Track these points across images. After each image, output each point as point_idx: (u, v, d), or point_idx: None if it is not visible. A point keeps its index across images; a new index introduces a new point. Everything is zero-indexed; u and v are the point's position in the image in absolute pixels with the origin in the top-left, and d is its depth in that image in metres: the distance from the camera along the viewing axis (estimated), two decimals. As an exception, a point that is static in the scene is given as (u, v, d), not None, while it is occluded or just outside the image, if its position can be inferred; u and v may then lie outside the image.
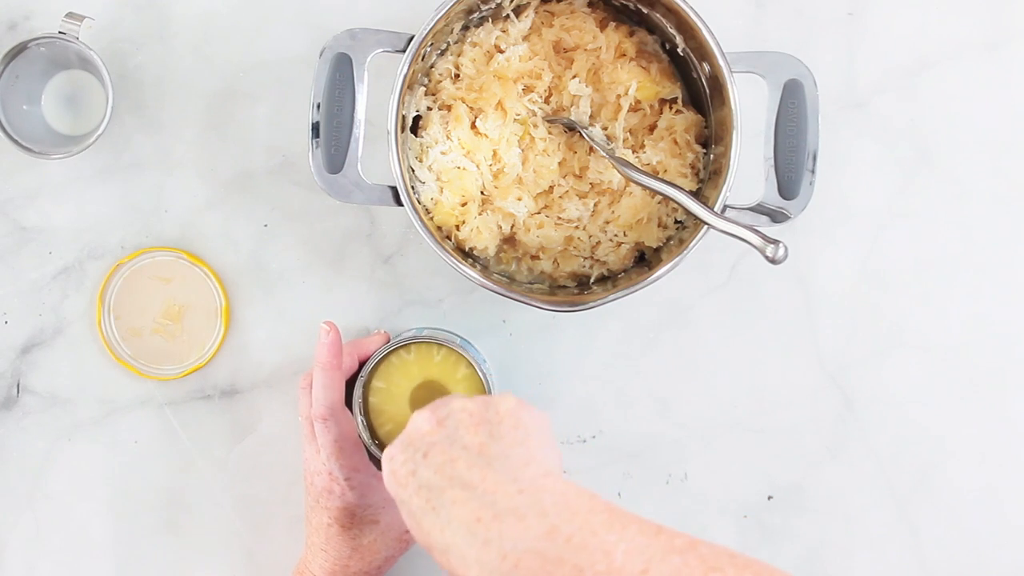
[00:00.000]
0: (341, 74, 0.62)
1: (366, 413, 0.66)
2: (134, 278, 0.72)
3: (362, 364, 0.67)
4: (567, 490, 0.45)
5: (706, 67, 0.63)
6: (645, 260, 0.68)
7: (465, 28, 0.67)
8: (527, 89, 0.67)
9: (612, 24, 0.68)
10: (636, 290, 0.62)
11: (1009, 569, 0.73)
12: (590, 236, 0.68)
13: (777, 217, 0.63)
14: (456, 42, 0.68)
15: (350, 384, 0.66)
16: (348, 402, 0.66)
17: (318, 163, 0.62)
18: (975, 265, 0.73)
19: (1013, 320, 0.73)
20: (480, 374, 0.65)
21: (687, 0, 0.61)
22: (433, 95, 0.68)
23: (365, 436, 0.65)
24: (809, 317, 0.73)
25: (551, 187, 0.68)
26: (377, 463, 0.64)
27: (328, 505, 0.62)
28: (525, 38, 0.67)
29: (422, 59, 0.64)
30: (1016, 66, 0.74)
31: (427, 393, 0.66)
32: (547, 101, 0.68)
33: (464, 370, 0.66)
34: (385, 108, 0.61)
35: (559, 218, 0.68)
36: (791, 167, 0.63)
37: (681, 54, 0.66)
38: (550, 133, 0.67)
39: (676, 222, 0.67)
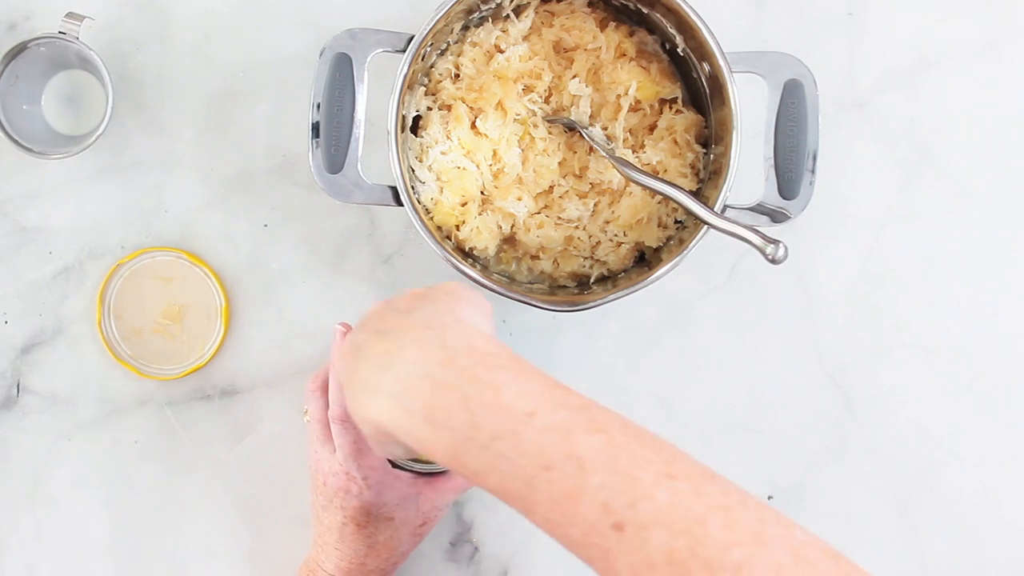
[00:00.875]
0: (341, 74, 0.62)
1: None
2: (134, 278, 0.72)
3: None
4: (473, 333, 0.45)
5: (706, 67, 0.63)
6: (645, 260, 0.68)
7: (465, 28, 0.67)
8: (527, 89, 0.67)
9: (612, 24, 0.68)
10: (636, 290, 0.62)
11: (1009, 569, 0.73)
12: (590, 236, 0.68)
13: (777, 217, 0.63)
14: (456, 42, 0.68)
15: None
16: None
17: (318, 163, 0.62)
18: (975, 265, 0.73)
19: (1013, 320, 0.73)
20: None
21: (687, 0, 0.61)
22: (433, 95, 0.68)
23: None
24: (809, 317, 0.73)
25: (551, 187, 0.68)
26: (392, 462, 0.65)
27: (344, 504, 0.62)
28: (525, 38, 0.67)
29: (422, 59, 0.64)
30: (1016, 66, 0.74)
31: None
32: (547, 101, 0.68)
33: None
34: (385, 108, 0.61)
35: (559, 218, 0.68)
36: (791, 167, 0.63)
37: (681, 54, 0.66)
38: (550, 133, 0.67)
39: (676, 222, 0.67)
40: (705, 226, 0.60)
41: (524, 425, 0.41)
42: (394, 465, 0.64)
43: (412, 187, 0.65)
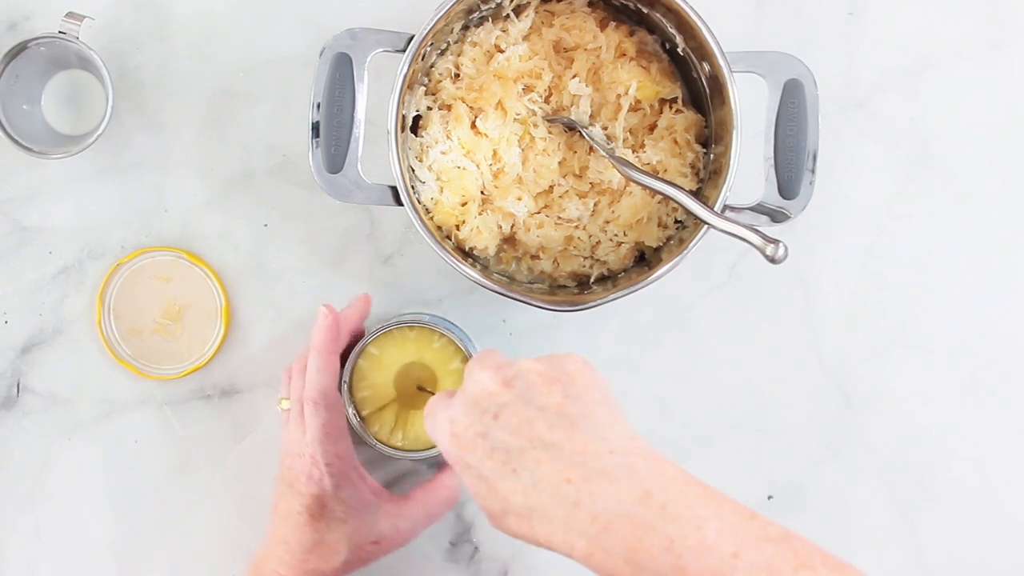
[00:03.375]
0: (341, 74, 0.62)
1: (351, 373, 0.66)
2: (134, 278, 0.72)
3: (355, 341, 0.67)
4: (659, 457, 0.43)
5: (706, 67, 0.63)
6: (645, 260, 0.68)
7: (465, 28, 0.67)
8: (527, 89, 0.67)
9: (612, 24, 0.68)
10: (636, 290, 0.62)
11: (1009, 569, 0.73)
12: (590, 236, 0.68)
13: (777, 217, 0.63)
14: (456, 42, 0.68)
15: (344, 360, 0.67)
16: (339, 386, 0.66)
17: (318, 163, 0.62)
18: (975, 265, 0.73)
19: (1013, 320, 0.73)
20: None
21: (687, 0, 0.61)
22: (433, 95, 0.68)
23: (346, 398, 0.66)
24: (809, 317, 0.73)
25: (551, 187, 0.68)
26: (362, 440, 0.65)
27: (303, 491, 0.62)
28: (525, 38, 0.67)
29: (422, 59, 0.64)
30: (1016, 66, 0.74)
31: (414, 373, 0.67)
32: (547, 101, 0.68)
33: (458, 364, 0.66)
34: (385, 108, 0.61)
35: (559, 218, 0.68)
36: (791, 167, 0.63)
37: (681, 54, 0.66)
38: (550, 133, 0.67)
39: (676, 222, 0.67)
40: (705, 226, 0.60)
41: (731, 568, 0.40)
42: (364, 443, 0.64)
43: (412, 187, 0.65)
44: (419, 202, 0.66)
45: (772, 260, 0.55)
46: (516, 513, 0.43)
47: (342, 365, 0.66)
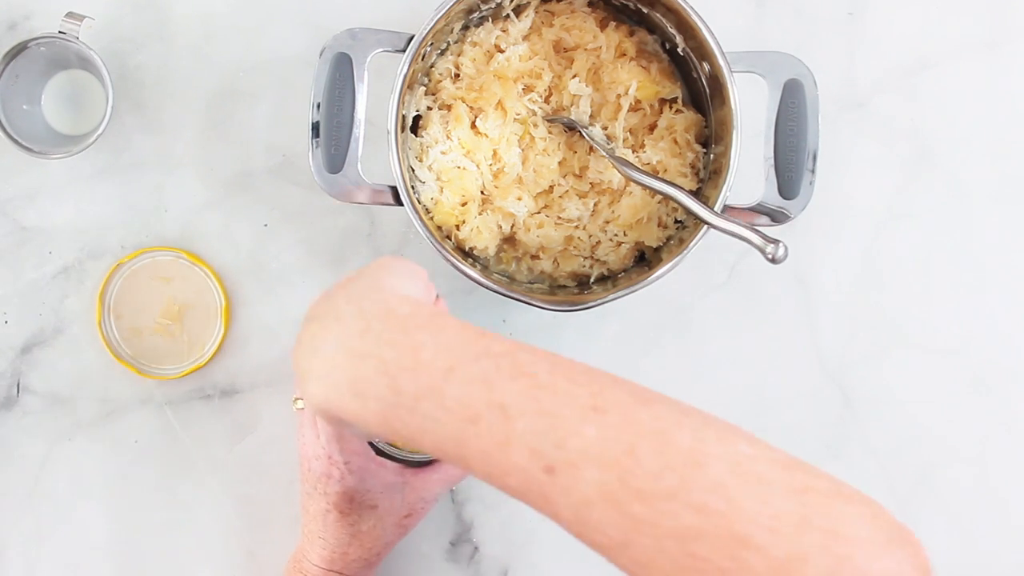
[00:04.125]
0: (341, 74, 0.62)
1: None
2: (134, 278, 0.72)
3: None
4: (391, 298, 0.45)
5: (706, 67, 0.64)
6: (645, 260, 0.68)
7: (465, 28, 0.67)
8: (527, 89, 0.67)
9: (612, 24, 0.68)
10: (636, 290, 0.63)
11: (1009, 569, 0.73)
12: (590, 236, 0.68)
13: (777, 217, 0.63)
14: (456, 42, 0.68)
15: None
16: None
17: (318, 163, 0.62)
18: (975, 265, 0.73)
19: (1013, 320, 0.73)
20: None
21: (687, 0, 0.61)
22: (433, 95, 0.68)
23: None
24: (809, 317, 0.73)
25: (551, 187, 0.68)
26: (376, 449, 0.64)
27: (327, 490, 0.62)
28: (525, 38, 0.67)
29: (422, 59, 0.64)
30: (1016, 66, 0.74)
31: None
32: (547, 101, 0.68)
33: None
34: (385, 108, 0.61)
35: (559, 218, 0.68)
36: (791, 167, 0.63)
37: (681, 54, 0.66)
38: (550, 133, 0.67)
39: (676, 222, 0.67)
40: (705, 226, 0.60)
41: (445, 381, 0.41)
42: (379, 452, 0.64)
43: (412, 187, 0.65)
44: (419, 202, 0.66)
45: (772, 260, 0.55)
46: (298, 381, 0.45)
47: None
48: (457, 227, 0.67)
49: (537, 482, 0.39)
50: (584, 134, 0.66)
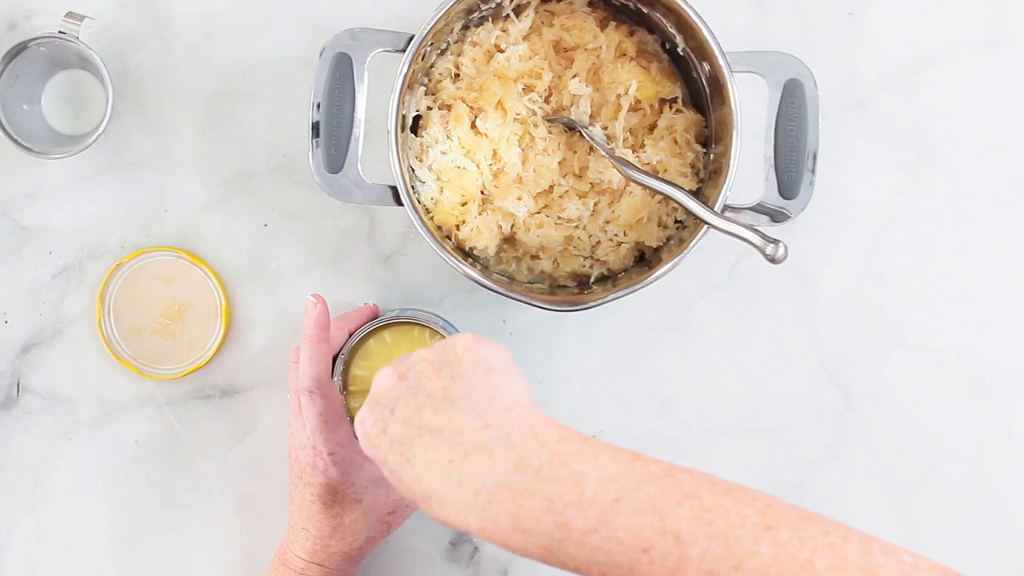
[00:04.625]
0: (341, 74, 0.62)
1: (345, 392, 0.67)
2: (134, 278, 0.72)
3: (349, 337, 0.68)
4: (535, 421, 0.44)
5: (706, 67, 0.63)
6: (645, 260, 0.68)
7: (465, 28, 0.67)
8: (527, 89, 0.67)
9: (612, 24, 0.68)
10: (636, 290, 0.62)
11: (1009, 569, 0.73)
12: (590, 236, 0.68)
13: (777, 217, 0.63)
14: (456, 42, 0.68)
15: (336, 358, 0.67)
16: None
17: (318, 163, 0.62)
18: (975, 265, 0.73)
19: (1013, 320, 0.73)
20: None
21: (687, 0, 0.61)
22: (433, 95, 0.68)
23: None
24: (809, 317, 0.73)
25: (551, 187, 0.68)
26: None
27: (311, 481, 0.62)
28: (525, 38, 0.67)
29: (422, 59, 0.64)
30: (1016, 66, 0.74)
31: None
32: (547, 100, 0.68)
33: None
34: (385, 108, 0.61)
35: (559, 218, 0.68)
36: (791, 167, 0.63)
37: (681, 54, 0.66)
38: (550, 132, 0.67)
39: (676, 222, 0.67)
40: (705, 226, 0.60)
41: (614, 514, 0.40)
42: None
43: (412, 187, 0.65)
44: (419, 202, 0.66)
45: (772, 260, 0.55)
46: (422, 500, 0.44)
47: (335, 362, 0.66)
48: (457, 227, 0.67)
49: None
50: (584, 134, 0.66)
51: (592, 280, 0.68)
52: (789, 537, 0.39)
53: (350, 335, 0.67)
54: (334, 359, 0.66)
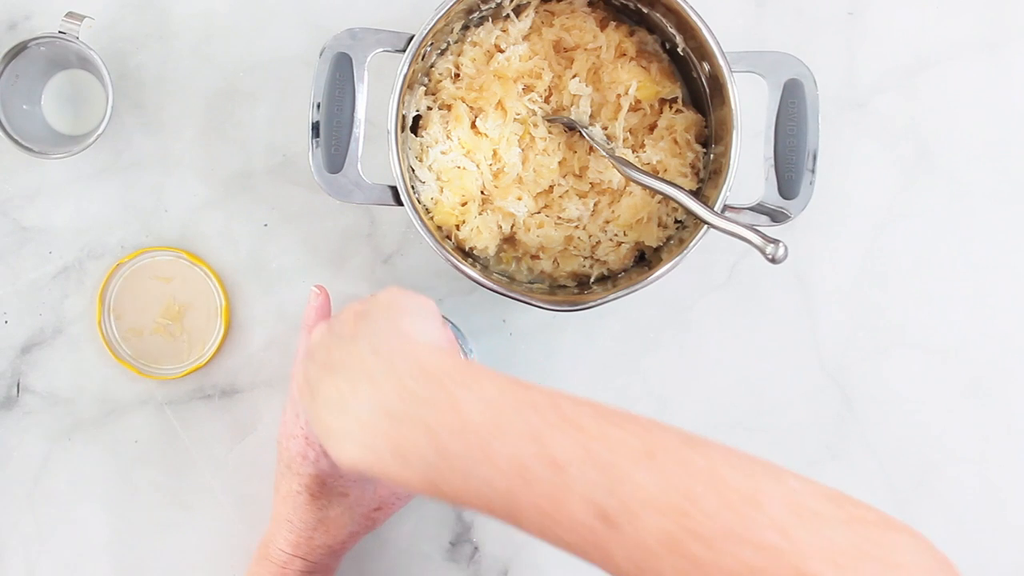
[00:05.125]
0: (341, 74, 0.62)
1: None
2: (134, 278, 0.72)
3: None
4: (423, 352, 0.43)
5: (706, 67, 0.63)
6: (645, 260, 0.68)
7: (465, 28, 0.67)
8: (527, 89, 0.67)
9: (612, 24, 0.68)
10: (636, 290, 0.62)
11: (1009, 569, 0.73)
12: (590, 236, 0.68)
13: (777, 217, 0.63)
14: (456, 42, 0.68)
15: None
16: None
17: (318, 163, 0.62)
18: (975, 265, 0.73)
19: (1013, 319, 0.73)
20: (462, 354, 0.66)
21: (687, 0, 0.61)
22: (433, 95, 0.68)
23: None
24: (809, 317, 0.73)
25: (551, 187, 0.68)
26: None
27: (300, 471, 0.62)
28: (525, 38, 0.67)
29: (422, 59, 0.64)
30: (1016, 66, 0.74)
31: None
32: (547, 100, 0.68)
33: None
34: (385, 108, 0.61)
35: (559, 218, 0.68)
36: (791, 167, 0.63)
37: (681, 54, 0.66)
38: (550, 132, 0.67)
39: (676, 222, 0.67)
40: (705, 226, 0.60)
41: (492, 439, 0.40)
42: None
43: (412, 187, 0.65)
44: (419, 202, 0.66)
45: (772, 260, 0.55)
46: (324, 438, 0.44)
47: None
48: (457, 227, 0.67)
49: (594, 533, 0.38)
50: (584, 134, 0.66)
51: (592, 280, 0.68)
52: (670, 464, 0.38)
53: None
54: None
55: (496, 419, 0.40)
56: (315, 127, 0.62)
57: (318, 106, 0.62)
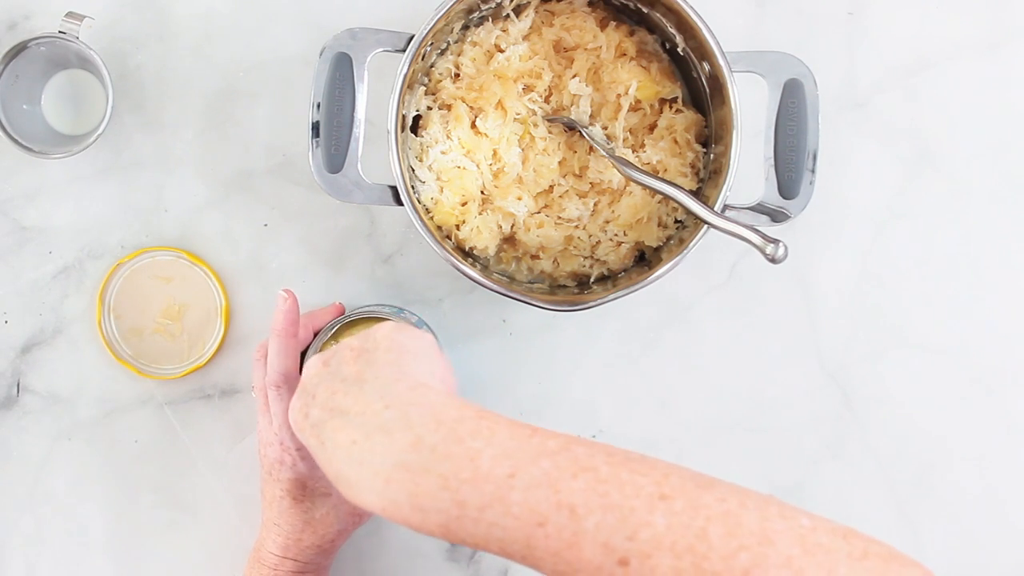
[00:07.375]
0: (341, 74, 0.62)
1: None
2: (134, 278, 0.72)
3: (316, 335, 0.67)
4: (435, 400, 0.44)
5: (706, 67, 0.63)
6: (645, 260, 0.68)
7: (465, 27, 0.67)
8: (527, 88, 0.67)
9: (612, 24, 0.68)
10: (636, 290, 0.62)
11: (1009, 569, 0.73)
12: (590, 235, 0.68)
13: (777, 217, 0.63)
14: (456, 41, 0.68)
15: (304, 354, 0.67)
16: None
17: (318, 163, 0.62)
18: (975, 265, 0.73)
19: (1013, 320, 0.73)
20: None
21: (687, 0, 0.61)
22: (433, 94, 0.68)
23: None
24: (809, 317, 0.73)
25: (551, 186, 0.68)
26: None
27: (280, 477, 0.62)
28: (525, 37, 0.67)
29: (422, 58, 0.64)
30: (1016, 66, 0.74)
31: None
32: (547, 100, 0.68)
33: None
34: (385, 108, 0.61)
35: (559, 217, 0.68)
36: (791, 167, 0.63)
37: (681, 54, 0.66)
38: (550, 132, 0.67)
39: (676, 222, 0.67)
40: (705, 226, 0.60)
41: (508, 489, 0.41)
42: None
43: (412, 187, 0.65)
44: (419, 202, 0.66)
45: (772, 260, 0.55)
46: (334, 481, 0.45)
47: (302, 359, 0.66)
48: (457, 227, 0.67)
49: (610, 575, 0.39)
50: (584, 134, 0.66)
51: (592, 280, 0.68)
52: (683, 505, 0.39)
53: (315, 334, 0.67)
54: (301, 356, 0.66)
55: (511, 468, 0.41)
56: (315, 127, 0.62)
57: (318, 106, 0.62)
